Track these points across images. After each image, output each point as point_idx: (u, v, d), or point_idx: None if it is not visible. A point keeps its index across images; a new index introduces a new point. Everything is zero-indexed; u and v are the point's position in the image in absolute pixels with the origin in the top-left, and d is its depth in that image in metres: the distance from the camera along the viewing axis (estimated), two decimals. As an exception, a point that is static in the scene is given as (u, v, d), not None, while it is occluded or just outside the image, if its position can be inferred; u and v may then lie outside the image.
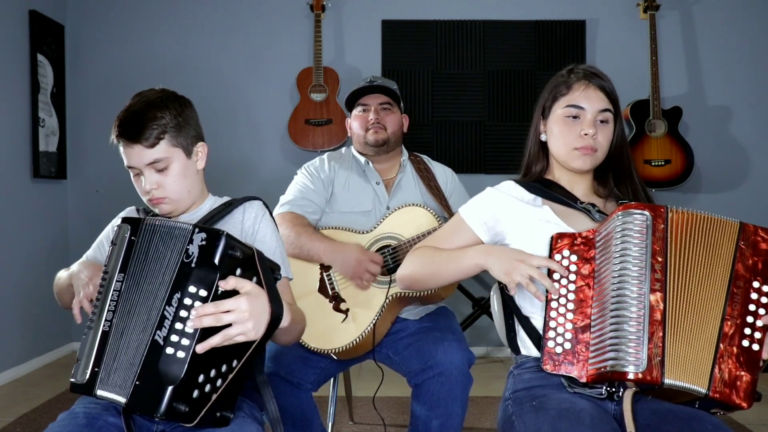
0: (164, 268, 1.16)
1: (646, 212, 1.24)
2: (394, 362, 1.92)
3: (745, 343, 1.18)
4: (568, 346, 1.28)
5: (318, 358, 1.86)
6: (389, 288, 1.87)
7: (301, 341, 1.84)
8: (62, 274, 1.47)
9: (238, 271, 1.16)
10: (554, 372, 1.29)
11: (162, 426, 1.27)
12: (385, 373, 1.99)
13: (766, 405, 2.89)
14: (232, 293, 1.15)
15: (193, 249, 1.14)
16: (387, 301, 1.86)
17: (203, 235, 1.15)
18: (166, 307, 1.13)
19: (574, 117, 1.43)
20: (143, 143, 1.32)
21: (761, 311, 1.20)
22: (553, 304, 1.31)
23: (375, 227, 1.97)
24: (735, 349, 1.17)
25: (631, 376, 1.15)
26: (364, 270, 1.84)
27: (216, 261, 1.12)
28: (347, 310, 1.89)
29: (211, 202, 1.47)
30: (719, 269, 1.22)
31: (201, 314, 1.10)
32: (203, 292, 1.12)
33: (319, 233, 1.95)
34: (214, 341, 1.11)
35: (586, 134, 1.41)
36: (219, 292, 1.13)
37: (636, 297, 1.19)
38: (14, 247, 3.38)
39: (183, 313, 1.12)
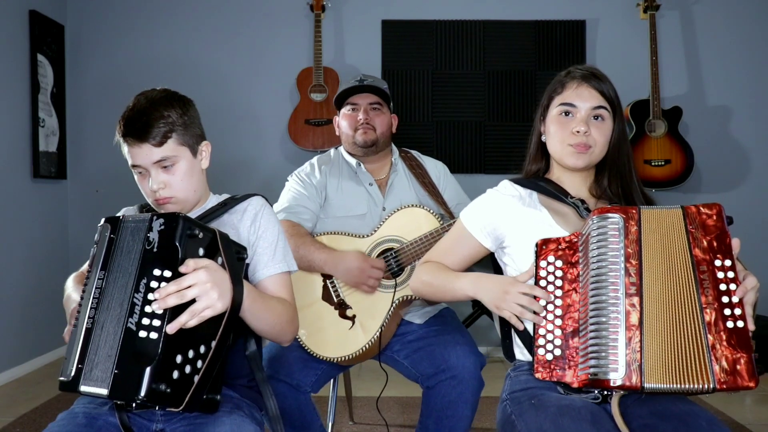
0: (131, 260, 1.18)
1: (617, 215, 1.24)
2: (401, 365, 1.91)
3: (730, 324, 1.16)
4: (558, 352, 1.28)
5: (318, 359, 1.85)
6: (395, 292, 1.86)
7: (307, 349, 1.84)
8: (68, 285, 1.46)
9: (201, 251, 1.19)
10: (547, 379, 1.29)
11: (161, 425, 1.28)
12: (388, 374, 1.99)
13: (767, 405, 2.90)
14: None
15: (153, 235, 1.17)
16: (393, 305, 1.85)
17: (161, 220, 1.18)
18: (135, 295, 1.15)
19: (567, 114, 1.44)
20: (151, 142, 1.31)
21: (732, 287, 1.18)
22: (540, 320, 1.31)
23: (375, 230, 1.95)
24: (723, 334, 1.15)
25: (613, 383, 1.15)
26: (367, 277, 1.84)
27: (176, 242, 1.15)
28: (354, 316, 1.88)
29: (214, 201, 1.47)
30: (681, 261, 1.21)
31: (164, 294, 1.11)
32: (167, 273, 1.15)
33: (318, 243, 1.93)
34: (183, 319, 1.12)
35: (578, 131, 1.41)
36: (183, 273, 1.15)
37: (612, 303, 1.19)
38: (14, 247, 3.38)
39: (151, 296, 1.13)
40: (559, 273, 1.31)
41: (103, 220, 1.28)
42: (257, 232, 1.41)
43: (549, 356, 1.29)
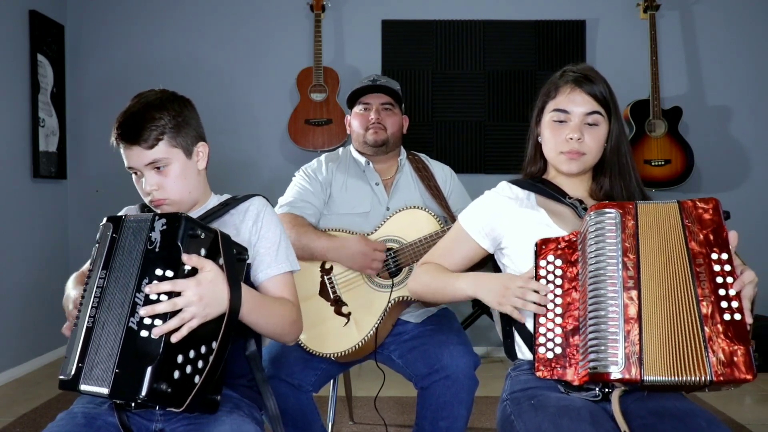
0: (133, 260, 1.20)
1: (614, 210, 1.25)
2: (397, 365, 1.92)
3: (727, 316, 1.16)
4: (558, 350, 1.29)
5: (318, 359, 1.86)
6: (391, 292, 1.87)
7: (301, 344, 1.84)
8: (69, 285, 1.46)
9: (203, 252, 1.20)
10: (548, 377, 1.29)
11: (161, 425, 1.28)
12: (386, 373, 1.99)
13: (766, 405, 2.90)
14: (195, 273, 1.18)
15: (156, 235, 1.18)
16: (389, 305, 1.86)
17: (164, 220, 1.19)
18: (137, 294, 1.16)
19: (561, 121, 1.44)
20: (142, 144, 1.32)
21: (729, 279, 1.18)
22: (542, 310, 1.31)
23: (376, 229, 1.96)
24: (720, 326, 1.15)
25: (613, 377, 1.15)
26: (371, 260, 1.85)
27: (179, 242, 1.16)
28: (349, 313, 1.88)
29: (215, 201, 1.47)
30: (678, 254, 1.21)
31: (156, 291, 1.14)
32: (169, 273, 1.16)
33: (319, 231, 1.95)
34: (173, 323, 1.13)
35: (571, 138, 1.41)
36: (185, 272, 1.17)
37: (611, 296, 1.19)
38: (14, 247, 3.38)
39: (153, 296, 1.14)
40: (558, 272, 1.32)
41: (105, 219, 1.29)
42: (259, 233, 1.41)
43: (549, 354, 1.29)
